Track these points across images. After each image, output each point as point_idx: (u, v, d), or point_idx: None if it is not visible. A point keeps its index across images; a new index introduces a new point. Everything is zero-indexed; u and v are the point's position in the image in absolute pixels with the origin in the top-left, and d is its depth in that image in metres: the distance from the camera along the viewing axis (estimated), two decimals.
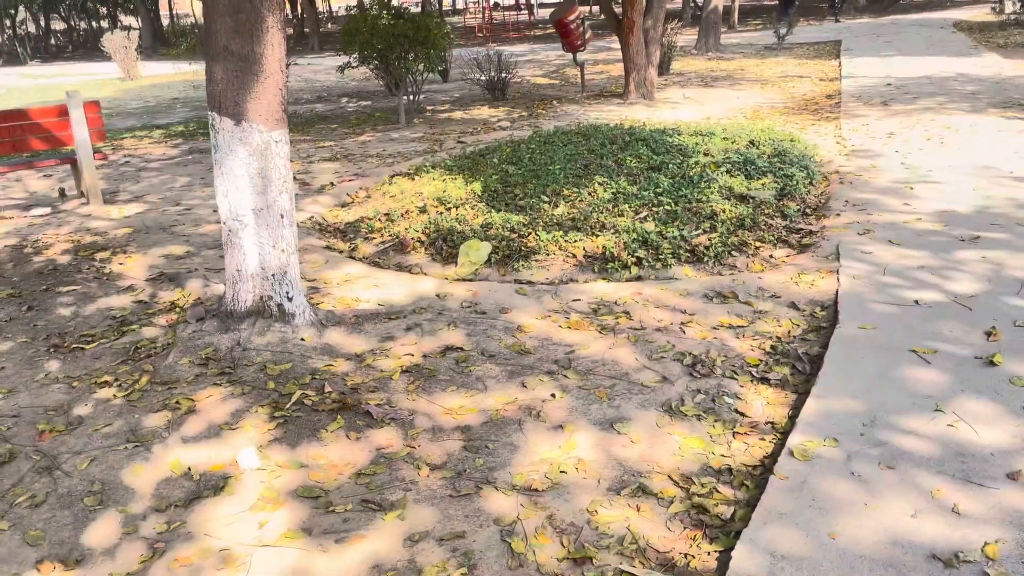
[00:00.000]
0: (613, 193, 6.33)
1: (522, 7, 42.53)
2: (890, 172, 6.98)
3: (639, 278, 5.06)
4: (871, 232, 5.45)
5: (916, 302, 4.27)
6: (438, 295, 4.95)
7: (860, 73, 13.46)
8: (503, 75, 13.86)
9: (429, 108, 13.17)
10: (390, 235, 6.08)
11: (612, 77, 15.58)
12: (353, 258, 5.81)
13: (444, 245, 5.73)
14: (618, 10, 12.81)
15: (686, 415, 3.43)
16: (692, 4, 30.21)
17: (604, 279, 5.08)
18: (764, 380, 3.69)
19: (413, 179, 7.49)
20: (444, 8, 45.78)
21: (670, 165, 6.94)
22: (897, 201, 6.11)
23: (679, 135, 8.08)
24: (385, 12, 11.62)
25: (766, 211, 5.96)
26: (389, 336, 4.37)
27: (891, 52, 15.96)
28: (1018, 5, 18.95)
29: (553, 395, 3.65)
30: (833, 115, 10.02)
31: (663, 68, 15.53)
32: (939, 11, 25.64)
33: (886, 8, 27.39)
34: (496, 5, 45.24)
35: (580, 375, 3.83)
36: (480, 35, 30.24)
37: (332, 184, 7.97)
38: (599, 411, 3.51)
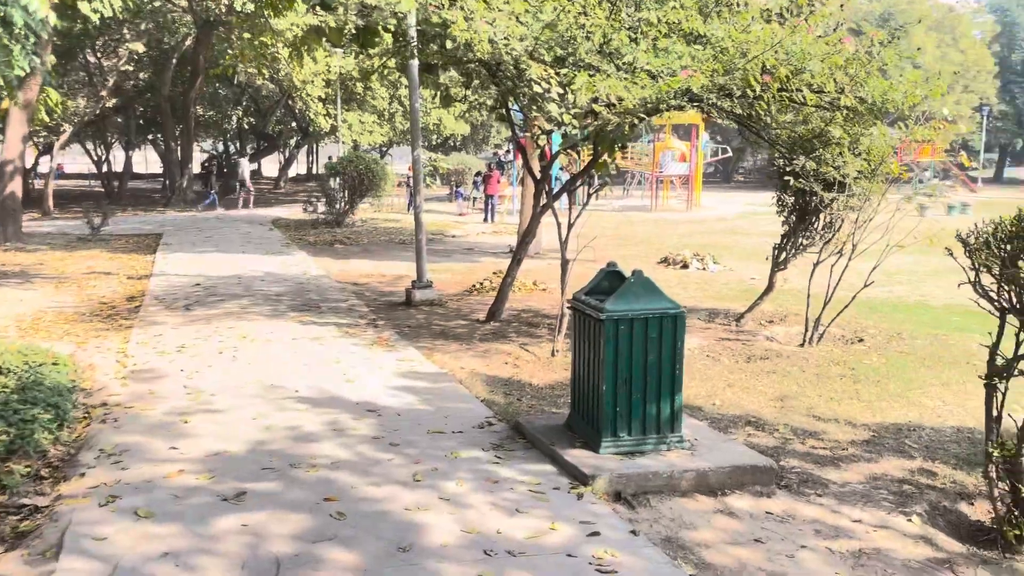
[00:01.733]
0: None
1: None
2: (168, 400, 5.94)
3: None
4: (118, 499, 4.20)
5: None
6: None
7: (173, 271, 12.69)
8: None
9: None
10: None
11: None
12: None
13: None
14: None
15: None
16: None
17: None
18: None
19: None
20: None
21: None
22: (164, 444, 5.03)
23: None
24: None
25: None
26: None
27: (209, 248, 15.73)
28: (325, 206, 20.94)
29: None
30: (128, 322, 8.79)
31: None
32: (263, 208, 27.12)
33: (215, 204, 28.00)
34: None
35: None
36: None
37: None
38: None
